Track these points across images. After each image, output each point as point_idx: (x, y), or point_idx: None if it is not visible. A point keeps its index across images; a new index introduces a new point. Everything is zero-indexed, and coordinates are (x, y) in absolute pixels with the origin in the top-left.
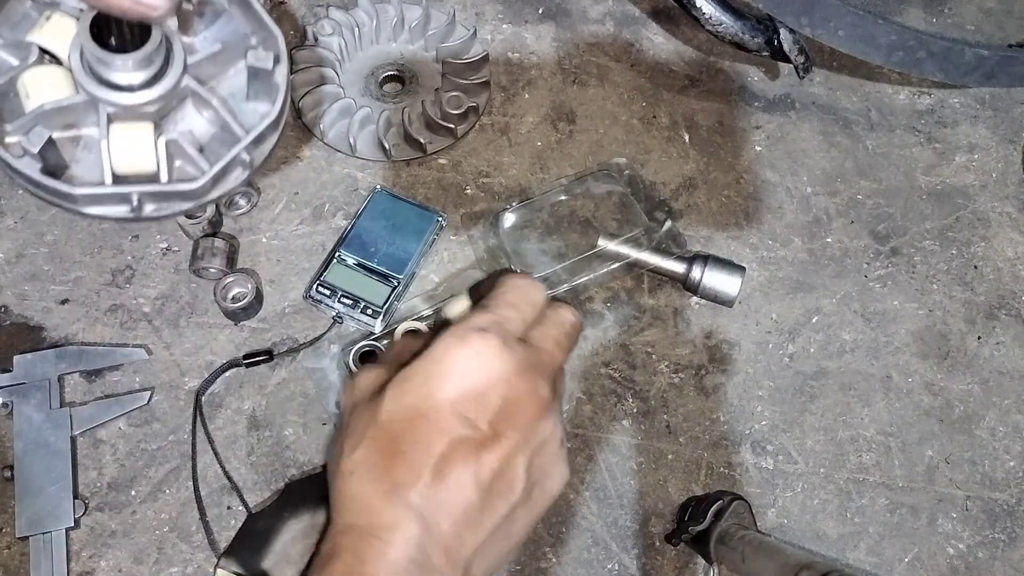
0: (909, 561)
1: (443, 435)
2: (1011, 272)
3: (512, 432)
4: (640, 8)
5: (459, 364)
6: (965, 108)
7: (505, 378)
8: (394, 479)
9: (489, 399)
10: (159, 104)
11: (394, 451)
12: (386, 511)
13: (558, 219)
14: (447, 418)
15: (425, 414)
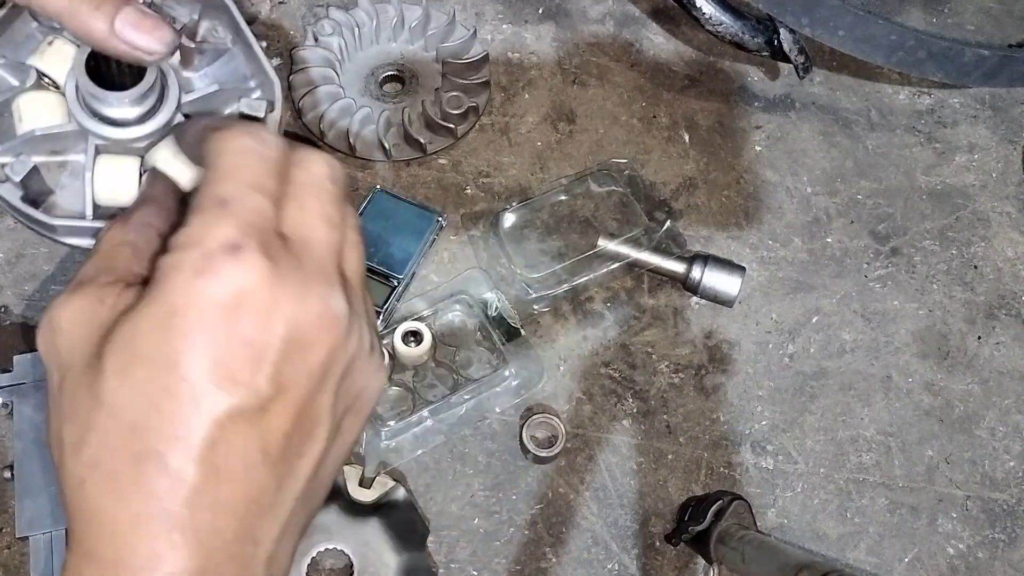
0: (909, 561)
1: (204, 415)
2: (1011, 272)
3: (304, 378)
4: (640, 8)
5: (207, 309)
6: (965, 108)
7: (282, 310)
8: (145, 491)
9: (264, 347)
10: (148, 140)
11: (137, 450)
12: (140, 542)
13: (558, 219)
14: (206, 390)
15: (172, 390)
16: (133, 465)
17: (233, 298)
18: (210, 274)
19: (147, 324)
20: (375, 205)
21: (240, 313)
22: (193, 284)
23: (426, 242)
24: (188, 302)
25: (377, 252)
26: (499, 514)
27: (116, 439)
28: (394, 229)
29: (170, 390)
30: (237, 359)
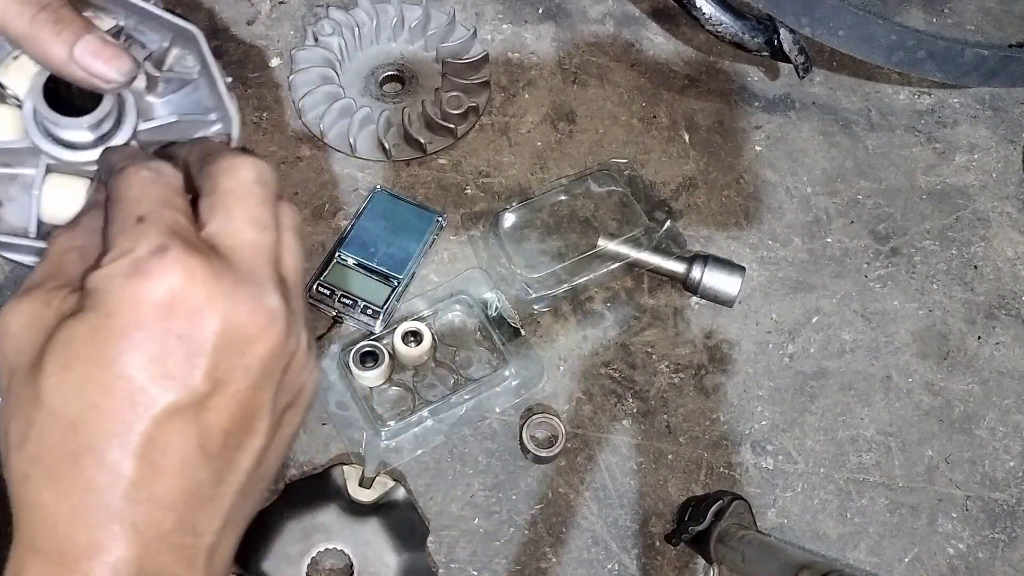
0: (909, 561)
1: (141, 411)
2: (1011, 272)
3: (241, 373)
4: (640, 8)
5: (141, 309)
6: (965, 108)
7: (215, 308)
8: (84, 485)
9: (198, 344)
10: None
11: (76, 446)
12: (80, 533)
13: (558, 219)
14: (142, 387)
15: (109, 388)
16: (72, 460)
17: (165, 296)
18: (141, 275)
19: (84, 326)
20: (375, 205)
21: (173, 311)
22: (126, 286)
23: (426, 242)
24: (122, 303)
25: (377, 252)
26: (499, 514)
27: (55, 435)
28: (394, 229)
29: (107, 388)
30: (172, 356)
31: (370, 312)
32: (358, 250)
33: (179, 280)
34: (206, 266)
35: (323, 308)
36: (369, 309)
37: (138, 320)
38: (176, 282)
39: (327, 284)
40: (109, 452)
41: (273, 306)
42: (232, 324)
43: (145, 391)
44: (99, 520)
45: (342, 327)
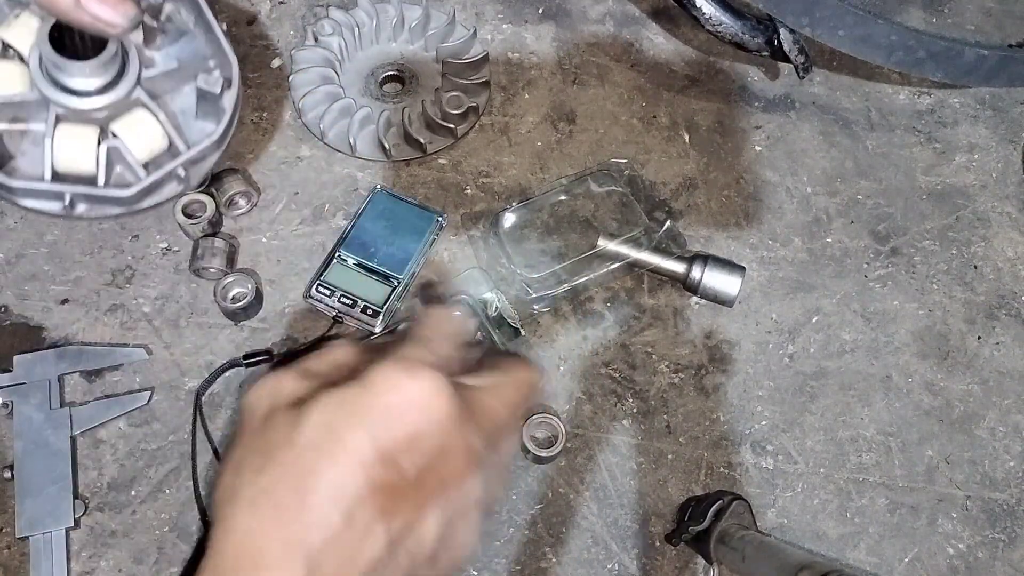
0: (909, 561)
1: (363, 476)
2: (1011, 272)
3: (436, 485)
4: (640, 8)
5: (399, 398)
6: (965, 108)
7: (443, 424)
8: (300, 522)
9: (422, 444)
10: (107, 111)
11: (305, 487)
12: (282, 559)
13: (558, 219)
14: (371, 457)
15: (348, 447)
16: (298, 497)
17: (416, 398)
18: (411, 376)
19: (353, 393)
20: (375, 205)
21: (417, 411)
22: (395, 377)
23: (426, 242)
24: (388, 388)
25: (377, 252)
26: (499, 514)
27: (295, 474)
28: (394, 229)
29: (348, 448)
30: (401, 444)
31: (370, 312)
32: (358, 250)
33: (430, 395)
34: (452, 395)
35: (323, 308)
36: (369, 309)
37: (391, 405)
38: (427, 394)
39: (327, 284)
40: (327, 499)
41: (477, 448)
42: (446, 445)
43: (373, 462)
44: (297, 558)
45: (342, 327)
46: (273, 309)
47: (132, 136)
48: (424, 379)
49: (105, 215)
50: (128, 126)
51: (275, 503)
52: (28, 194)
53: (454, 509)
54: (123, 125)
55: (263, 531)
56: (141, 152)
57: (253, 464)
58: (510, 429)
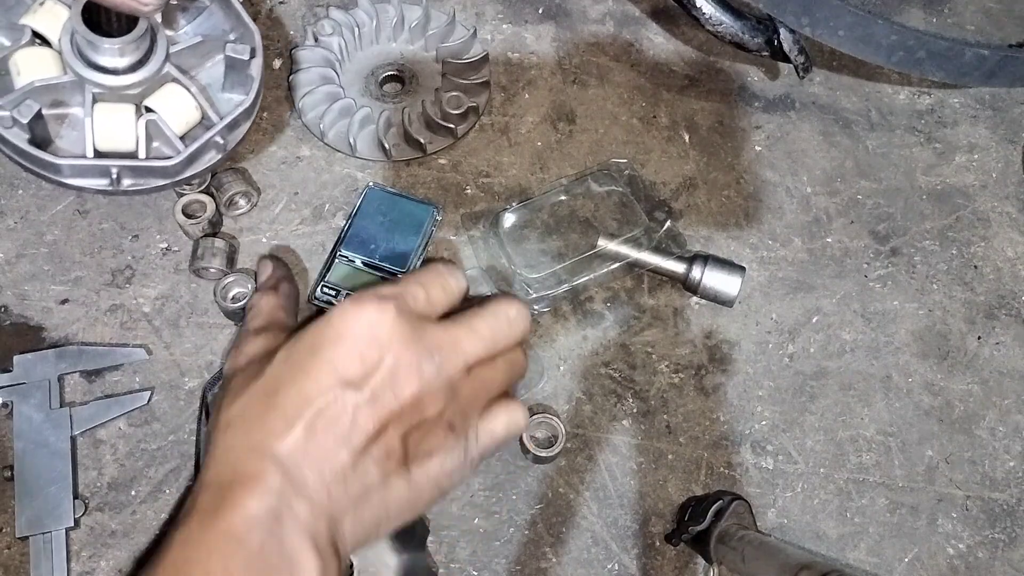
0: (909, 561)
1: (322, 391)
2: (1011, 272)
3: (391, 399)
4: (640, 8)
5: (350, 326)
6: (965, 108)
7: (393, 347)
8: (265, 430)
9: (374, 364)
10: (141, 87)
11: (271, 403)
12: (251, 463)
13: (558, 219)
14: (328, 375)
15: (308, 370)
16: (264, 412)
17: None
18: (359, 306)
19: (311, 330)
20: (370, 202)
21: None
22: (347, 309)
23: (425, 235)
24: (340, 319)
25: (378, 248)
26: (499, 514)
27: (261, 396)
28: (392, 225)
29: (308, 371)
30: (354, 364)
31: None
32: (359, 248)
33: (377, 321)
34: (401, 321)
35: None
36: None
37: (344, 334)
38: (375, 321)
39: (331, 285)
40: (290, 411)
41: (427, 372)
42: (397, 365)
43: (330, 379)
44: (267, 458)
45: None
46: None
47: (167, 109)
48: (369, 307)
49: (150, 187)
50: (163, 100)
51: (246, 421)
52: (75, 172)
53: (412, 424)
54: (158, 99)
55: (237, 444)
56: (178, 124)
57: (228, 400)
58: (489, 359)
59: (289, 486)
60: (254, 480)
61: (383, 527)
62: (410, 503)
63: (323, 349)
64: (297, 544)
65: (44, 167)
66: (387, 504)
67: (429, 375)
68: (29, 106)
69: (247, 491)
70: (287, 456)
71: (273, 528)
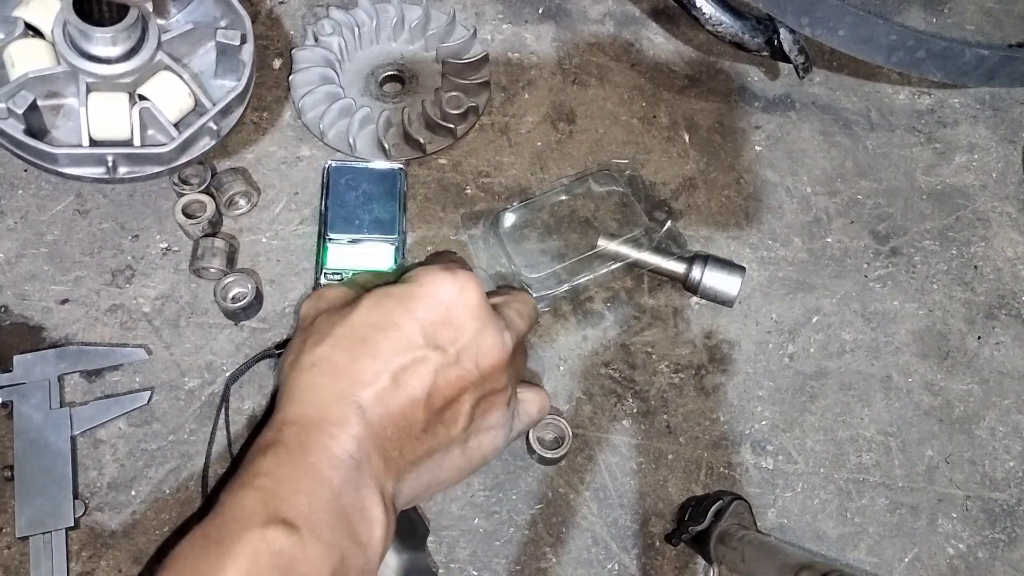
0: (909, 561)
1: (410, 348)
2: (1011, 272)
3: (472, 367)
4: (640, 8)
5: (442, 291)
6: (965, 108)
7: (479, 319)
8: (353, 377)
9: (461, 331)
10: (134, 76)
11: (359, 352)
12: (337, 407)
13: (558, 219)
14: (417, 334)
15: (398, 324)
16: (352, 359)
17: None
18: (451, 274)
19: (402, 287)
20: (336, 181)
21: (457, 303)
22: (437, 275)
23: (402, 195)
24: (431, 282)
25: (363, 222)
26: (499, 514)
27: (350, 342)
28: (366, 196)
29: (398, 325)
30: (443, 328)
31: None
32: (343, 227)
33: (467, 291)
34: (483, 293)
35: None
36: None
37: (435, 296)
38: (465, 291)
39: (332, 269)
40: (378, 362)
41: (509, 346)
42: (482, 337)
43: (418, 338)
44: (352, 405)
45: None
46: (273, 309)
47: (161, 97)
48: (461, 276)
49: (147, 175)
50: (156, 87)
51: (332, 364)
52: (71, 161)
53: (484, 394)
54: (151, 87)
55: (323, 385)
56: (171, 112)
57: (313, 340)
58: (523, 344)
59: (369, 437)
60: (339, 425)
61: (431, 491)
62: (459, 471)
63: (414, 305)
64: (369, 494)
65: (41, 157)
66: (443, 469)
67: (506, 350)
68: (24, 97)
69: (332, 435)
70: (371, 407)
71: (352, 475)
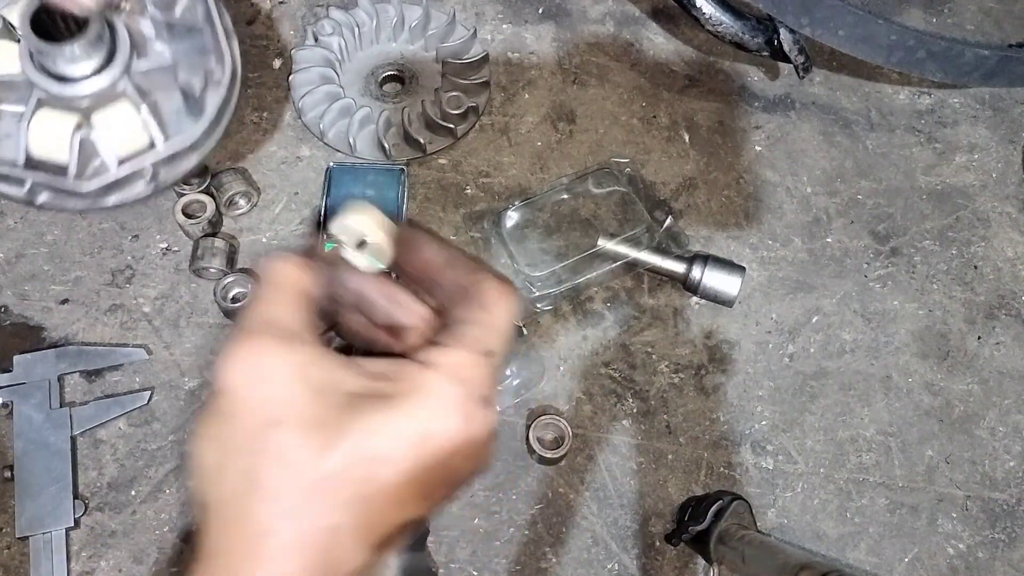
0: (909, 561)
1: (400, 514)
2: (1011, 272)
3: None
4: (640, 8)
5: (451, 444)
6: (965, 108)
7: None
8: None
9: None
10: (89, 100)
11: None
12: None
13: (559, 218)
14: (411, 496)
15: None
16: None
17: (468, 444)
18: (466, 418)
19: (398, 431)
20: (337, 180)
21: (464, 454)
22: (450, 418)
23: (401, 196)
24: (440, 432)
25: None
26: (499, 514)
27: (328, 507)
28: (369, 195)
29: (384, 489)
30: (437, 485)
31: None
32: None
33: (481, 435)
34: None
35: None
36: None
37: (442, 450)
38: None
39: None
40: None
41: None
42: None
43: (412, 501)
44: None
45: None
46: None
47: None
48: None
49: (68, 207)
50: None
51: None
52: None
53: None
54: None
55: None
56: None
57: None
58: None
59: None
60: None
61: None
62: None
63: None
64: None
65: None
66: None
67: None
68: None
69: None
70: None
71: None
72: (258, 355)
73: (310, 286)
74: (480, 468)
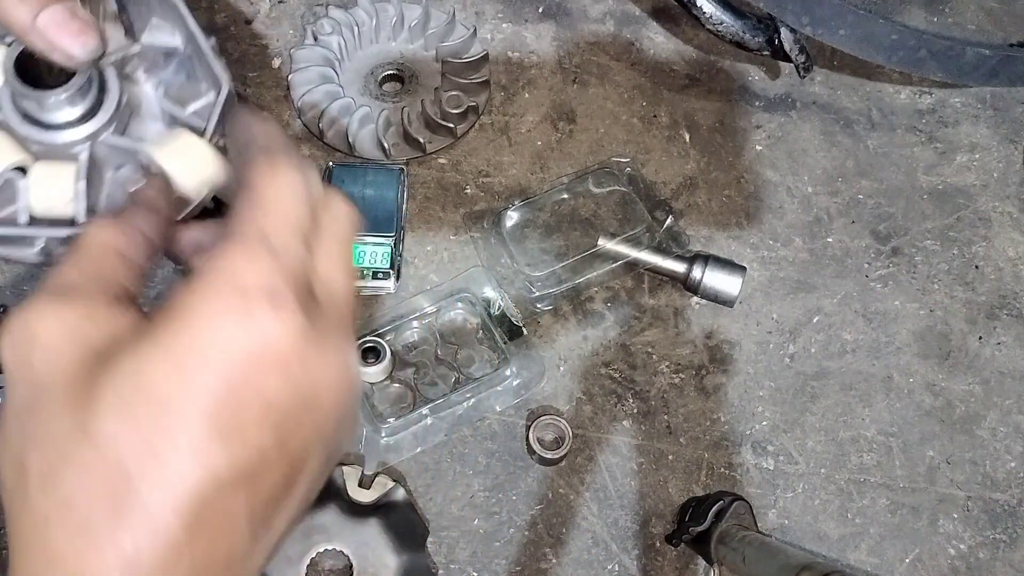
0: (910, 562)
1: (202, 468)
2: (1012, 272)
3: (308, 443)
4: (640, 7)
5: (234, 358)
6: (966, 108)
7: (308, 373)
8: (123, 542)
9: (280, 409)
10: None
11: (121, 494)
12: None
13: (559, 218)
14: (210, 443)
15: (174, 436)
16: (112, 511)
17: (261, 351)
18: (244, 320)
19: (160, 360)
20: (336, 179)
21: (265, 369)
22: (223, 326)
23: (401, 195)
24: (212, 345)
25: (365, 219)
26: (499, 515)
27: (98, 478)
28: (366, 195)
29: (171, 436)
30: (250, 417)
31: (381, 276)
32: None
33: (282, 338)
34: (310, 328)
35: None
36: (379, 274)
37: (225, 369)
38: (278, 340)
39: None
40: (157, 506)
41: (355, 372)
42: (317, 393)
43: (213, 448)
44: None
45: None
46: None
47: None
48: (263, 318)
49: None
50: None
51: (81, 522)
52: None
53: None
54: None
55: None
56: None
57: (39, 468)
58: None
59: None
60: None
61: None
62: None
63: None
64: None
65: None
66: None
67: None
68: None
69: None
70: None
71: None
72: (26, 319)
73: (120, 243)
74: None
